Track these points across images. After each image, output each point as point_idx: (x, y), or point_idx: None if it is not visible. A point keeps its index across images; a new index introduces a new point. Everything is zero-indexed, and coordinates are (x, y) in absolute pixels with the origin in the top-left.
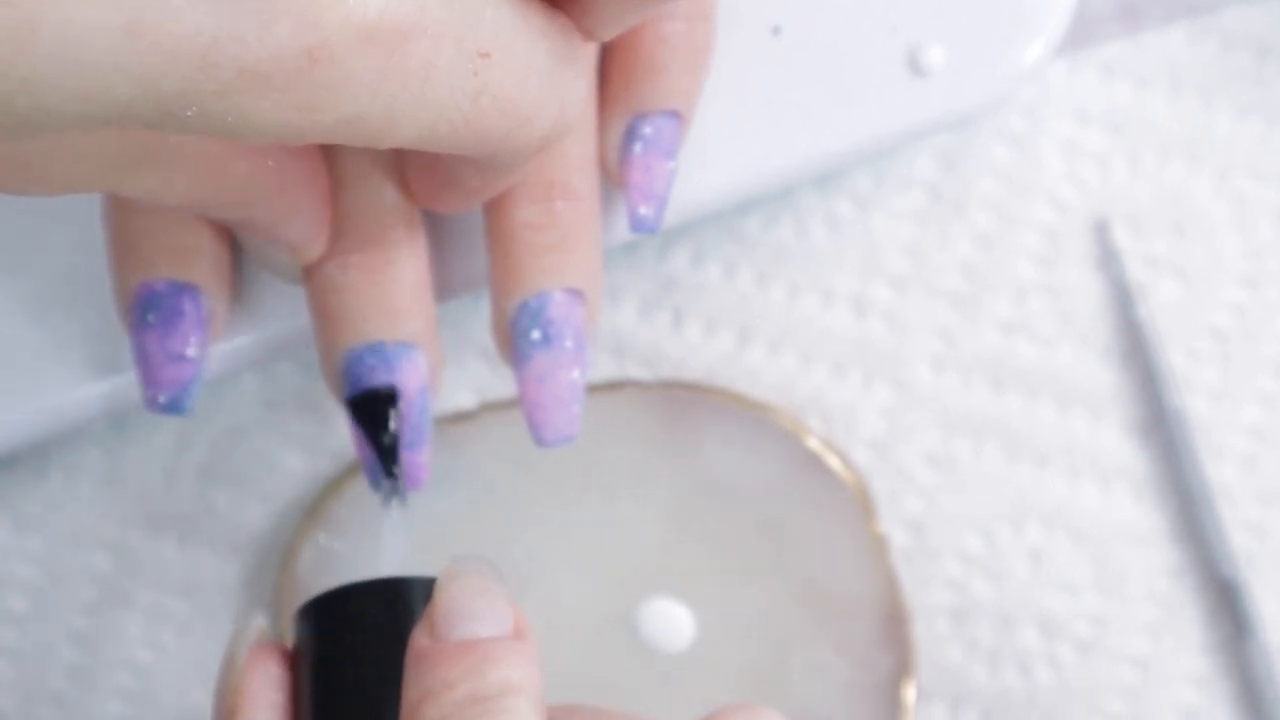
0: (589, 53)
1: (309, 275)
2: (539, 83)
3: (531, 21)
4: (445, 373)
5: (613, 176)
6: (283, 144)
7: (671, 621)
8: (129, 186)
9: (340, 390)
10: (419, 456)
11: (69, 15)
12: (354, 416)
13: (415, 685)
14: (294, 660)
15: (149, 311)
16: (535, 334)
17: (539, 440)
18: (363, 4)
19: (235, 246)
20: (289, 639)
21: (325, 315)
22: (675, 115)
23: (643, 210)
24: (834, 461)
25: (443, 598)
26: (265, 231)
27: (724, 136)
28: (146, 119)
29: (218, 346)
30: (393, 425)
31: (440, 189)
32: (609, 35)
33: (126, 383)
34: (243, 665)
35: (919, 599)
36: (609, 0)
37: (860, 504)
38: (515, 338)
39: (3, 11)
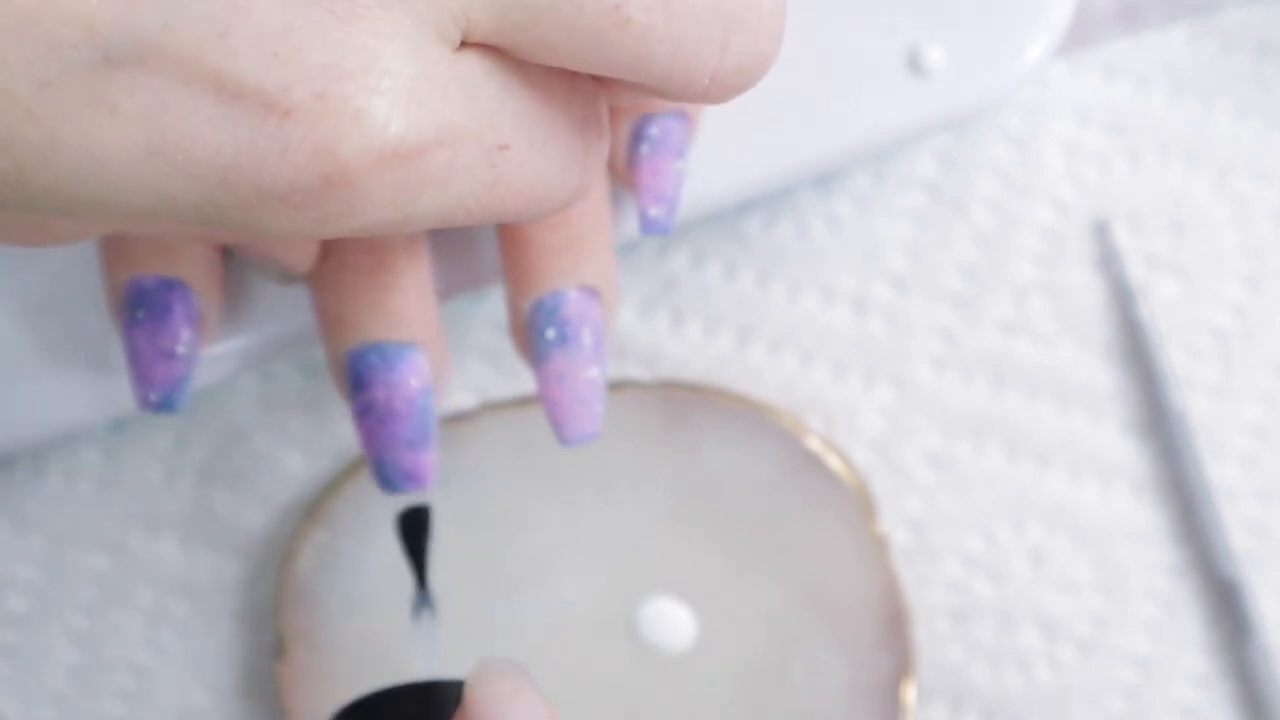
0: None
1: (311, 278)
2: (557, 159)
3: (553, 99)
4: None
5: (621, 178)
6: None
7: (672, 621)
8: (134, 230)
9: (346, 390)
10: (424, 456)
11: (91, 134)
12: (398, 531)
13: None
14: None
15: (138, 308)
16: (551, 333)
17: (561, 439)
18: (383, 130)
19: (226, 247)
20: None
21: (326, 316)
22: (682, 115)
23: (653, 212)
24: (834, 461)
25: (476, 702)
26: (258, 252)
27: (724, 136)
28: (164, 219)
29: (217, 347)
30: (426, 547)
31: None
32: (626, 105)
33: (124, 384)
34: None
35: (919, 599)
36: (637, 95)
37: (860, 504)
38: (532, 337)
39: (27, 127)
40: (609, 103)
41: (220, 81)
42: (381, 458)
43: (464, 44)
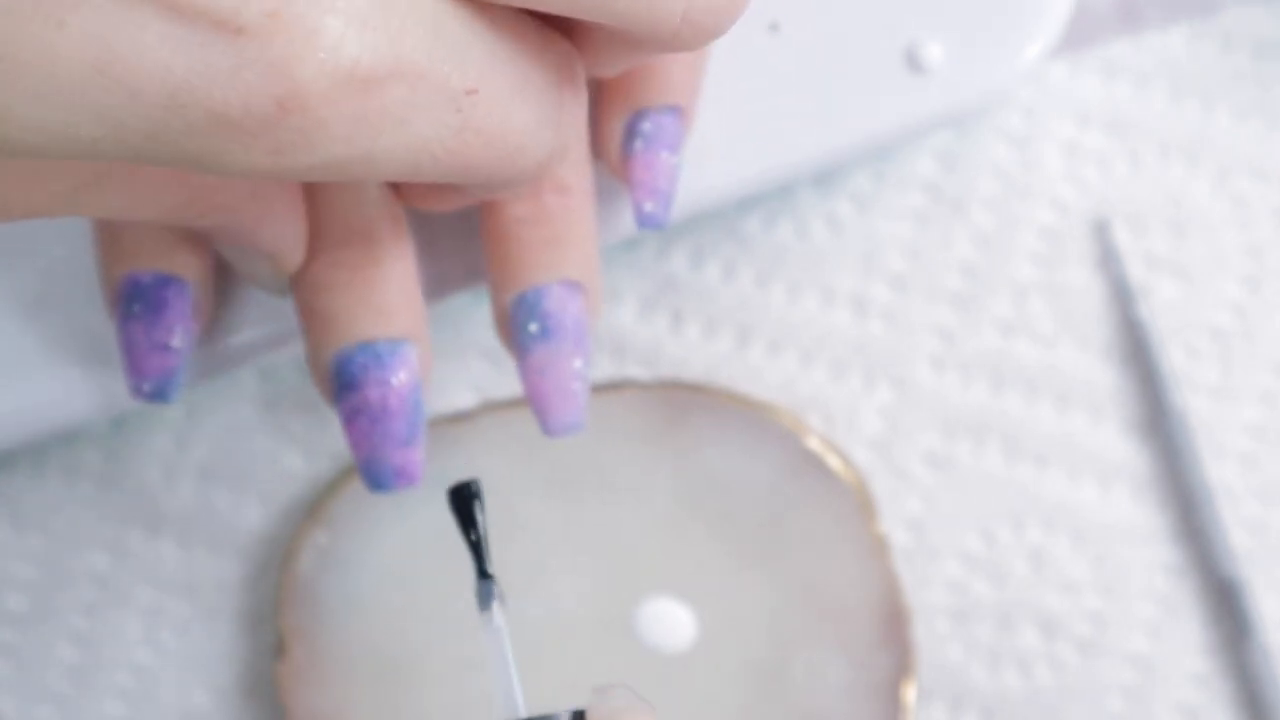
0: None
1: (295, 278)
2: (530, 112)
3: (523, 48)
4: (445, 372)
5: (617, 173)
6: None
7: (672, 621)
8: (93, 207)
9: (330, 392)
10: (414, 453)
11: (37, 49)
12: (451, 509)
13: None
14: None
15: (134, 302)
16: (533, 327)
17: (545, 430)
18: (336, 53)
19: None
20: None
21: (314, 315)
22: (676, 110)
23: (648, 207)
24: (834, 461)
25: None
26: (241, 238)
27: (722, 134)
28: (116, 156)
29: (217, 345)
30: (479, 522)
31: (428, 191)
32: (609, 74)
33: (122, 380)
34: None
35: (919, 599)
36: (611, 49)
37: (860, 504)
38: (515, 331)
39: None
40: (588, 71)
41: None
42: (372, 456)
43: None
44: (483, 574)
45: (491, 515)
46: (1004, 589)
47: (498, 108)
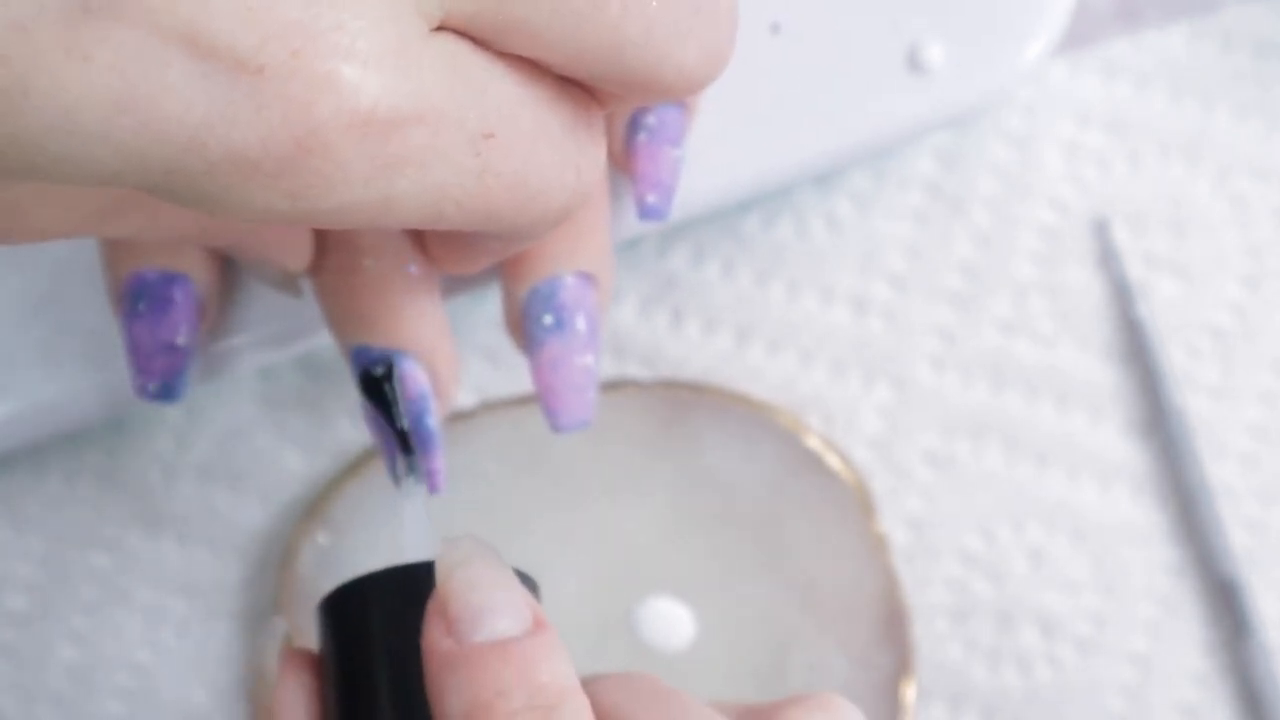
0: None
1: (311, 277)
2: (549, 156)
3: (539, 94)
4: None
5: (620, 165)
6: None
7: (671, 621)
8: (116, 229)
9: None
10: (431, 463)
11: (61, 83)
12: (363, 395)
13: (456, 692)
14: (320, 659)
15: (139, 300)
16: (548, 319)
17: (555, 426)
18: (356, 94)
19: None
20: (292, 639)
21: (325, 316)
22: (680, 104)
23: (650, 199)
24: (834, 461)
25: (453, 592)
26: (255, 254)
27: (723, 134)
28: (138, 186)
29: (218, 345)
30: (398, 403)
31: (459, 253)
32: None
33: (124, 381)
34: (274, 677)
35: (919, 598)
36: (614, 99)
37: (860, 503)
38: (528, 324)
39: None
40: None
41: (193, 35)
42: (391, 459)
43: (443, 27)
44: (405, 449)
45: (492, 515)
46: (1004, 588)
47: (517, 151)
